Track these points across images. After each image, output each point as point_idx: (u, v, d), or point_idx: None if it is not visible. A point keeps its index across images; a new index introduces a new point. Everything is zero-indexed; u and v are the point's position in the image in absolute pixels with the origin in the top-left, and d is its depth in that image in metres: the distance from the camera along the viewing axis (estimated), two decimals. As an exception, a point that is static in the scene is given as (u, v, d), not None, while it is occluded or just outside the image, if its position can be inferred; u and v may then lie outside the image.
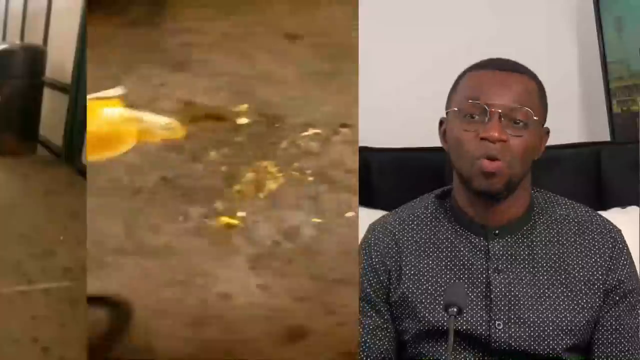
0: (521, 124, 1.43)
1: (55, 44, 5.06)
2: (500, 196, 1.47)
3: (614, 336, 1.48)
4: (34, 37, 5.41)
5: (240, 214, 1.44)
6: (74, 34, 4.54)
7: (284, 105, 1.56)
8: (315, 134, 1.51)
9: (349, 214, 1.49)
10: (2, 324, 2.25)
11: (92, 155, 1.48)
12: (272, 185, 1.45)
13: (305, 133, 1.54)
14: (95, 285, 1.36)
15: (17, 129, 4.75)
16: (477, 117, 1.43)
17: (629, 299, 1.50)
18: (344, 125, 1.58)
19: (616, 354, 1.47)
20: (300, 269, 1.44)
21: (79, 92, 4.46)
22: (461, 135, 1.44)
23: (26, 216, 3.36)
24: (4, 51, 4.77)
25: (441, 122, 1.52)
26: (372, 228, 1.59)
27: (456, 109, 1.46)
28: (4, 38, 6.35)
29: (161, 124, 1.48)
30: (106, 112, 1.50)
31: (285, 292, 1.41)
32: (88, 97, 1.52)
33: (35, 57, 4.80)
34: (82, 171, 4.04)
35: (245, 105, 1.54)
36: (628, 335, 1.48)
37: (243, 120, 1.51)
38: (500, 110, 1.42)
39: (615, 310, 1.49)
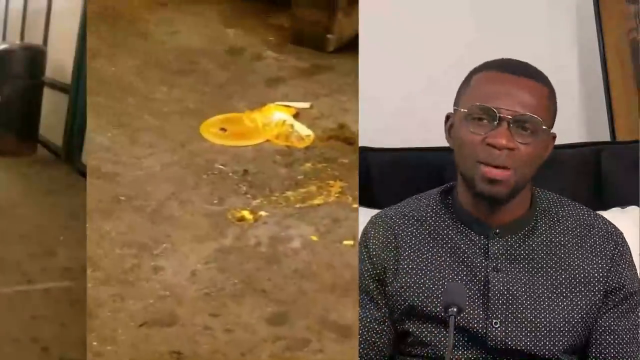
0: (530, 131, 1.42)
1: (55, 44, 5.05)
2: (503, 200, 1.46)
3: (611, 337, 1.48)
4: (34, 37, 5.40)
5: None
6: (74, 34, 4.53)
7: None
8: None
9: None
10: (2, 324, 2.25)
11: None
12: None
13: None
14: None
15: (17, 129, 4.73)
16: (485, 120, 1.42)
17: (629, 302, 1.49)
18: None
19: (613, 355, 1.47)
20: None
21: (79, 92, 4.44)
22: (467, 137, 1.43)
23: (26, 216, 3.35)
24: (4, 51, 4.75)
25: (447, 117, 1.51)
26: (373, 221, 1.60)
27: (464, 109, 1.45)
28: (4, 38, 6.34)
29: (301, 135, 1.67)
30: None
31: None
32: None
33: (35, 57, 4.78)
34: (82, 171, 4.03)
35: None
36: (626, 337, 1.48)
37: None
38: (510, 117, 1.40)
39: (614, 312, 1.48)
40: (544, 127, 1.43)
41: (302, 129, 1.62)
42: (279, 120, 1.65)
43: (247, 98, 1.72)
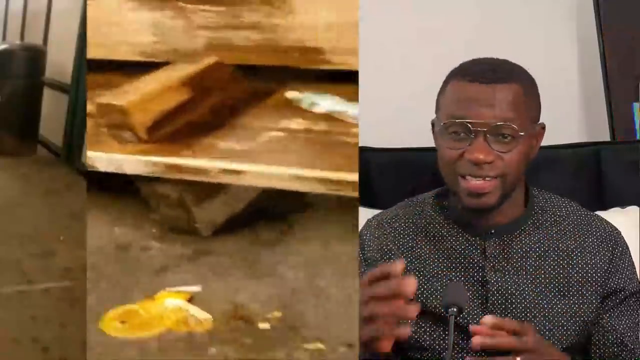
0: (509, 138, 1.40)
1: (55, 44, 5.06)
2: (494, 208, 1.45)
3: (613, 336, 1.47)
4: (34, 37, 5.41)
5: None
6: (74, 34, 4.54)
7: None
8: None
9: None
10: (2, 324, 2.25)
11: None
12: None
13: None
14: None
15: (17, 129, 4.75)
16: (462, 134, 1.41)
17: (629, 301, 1.49)
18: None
19: (617, 353, 1.46)
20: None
21: (79, 92, 4.45)
22: (446, 153, 1.42)
23: (26, 216, 3.36)
24: (4, 51, 4.76)
25: (433, 124, 1.50)
26: (368, 224, 1.60)
27: (440, 124, 1.44)
28: (4, 38, 6.36)
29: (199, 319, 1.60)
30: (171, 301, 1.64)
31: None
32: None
33: (35, 57, 4.80)
34: (82, 171, 4.04)
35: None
36: (628, 335, 1.47)
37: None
38: (485, 129, 1.39)
39: (614, 311, 1.48)
40: (521, 133, 1.40)
41: (200, 313, 1.60)
42: (174, 307, 1.62)
43: (139, 289, 1.69)
